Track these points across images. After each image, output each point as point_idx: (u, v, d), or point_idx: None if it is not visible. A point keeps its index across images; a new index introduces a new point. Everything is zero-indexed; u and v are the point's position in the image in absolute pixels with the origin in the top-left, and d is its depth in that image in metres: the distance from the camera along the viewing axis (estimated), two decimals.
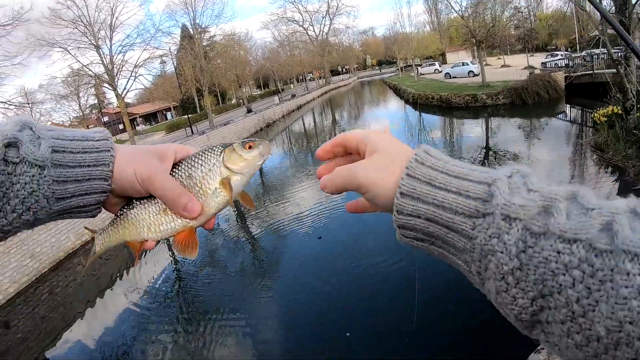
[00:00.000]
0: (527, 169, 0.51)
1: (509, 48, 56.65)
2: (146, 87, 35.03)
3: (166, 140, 30.38)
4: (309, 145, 28.67)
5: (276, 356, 6.59)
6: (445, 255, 0.55)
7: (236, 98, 70.97)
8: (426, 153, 0.57)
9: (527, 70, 28.66)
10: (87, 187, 0.64)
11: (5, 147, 0.55)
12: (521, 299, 0.45)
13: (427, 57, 70.43)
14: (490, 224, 0.47)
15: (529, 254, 0.43)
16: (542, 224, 0.43)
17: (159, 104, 60.46)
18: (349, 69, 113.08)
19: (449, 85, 35.00)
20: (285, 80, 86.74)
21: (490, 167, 0.53)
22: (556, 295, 0.41)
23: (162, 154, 0.72)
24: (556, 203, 0.44)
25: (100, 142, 0.66)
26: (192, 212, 0.71)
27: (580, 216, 0.42)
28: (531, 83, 23.13)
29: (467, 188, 0.50)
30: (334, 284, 7.94)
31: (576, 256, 0.40)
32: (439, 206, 0.52)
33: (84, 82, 29.70)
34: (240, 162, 0.75)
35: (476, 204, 0.49)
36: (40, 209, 0.59)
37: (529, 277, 0.43)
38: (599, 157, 11.61)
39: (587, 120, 16.70)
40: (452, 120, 25.56)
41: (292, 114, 51.41)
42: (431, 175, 0.53)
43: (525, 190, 0.48)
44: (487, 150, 16.51)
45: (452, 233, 0.51)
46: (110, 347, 7.79)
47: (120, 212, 0.75)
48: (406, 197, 0.54)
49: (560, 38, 54.65)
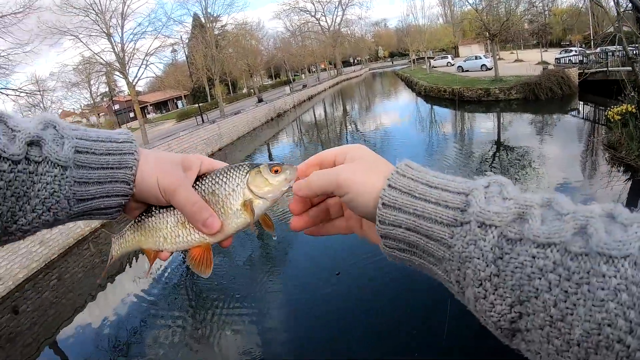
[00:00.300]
0: (504, 179, 0.52)
1: (522, 43, 56.08)
2: (157, 75, 34.92)
3: (175, 129, 30.61)
4: (320, 136, 28.66)
5: (282, 344, 6.63)
6: (426, 265, 0.56)
7: (247, 87, 70.84)
8: (407, 166, 0.58)
9: (540, 66, 28.43)
10: (108, 189, 0.64)
11: (27, 146, 0.55)
12: (499, 305, 0.45)
13: (439, 49, 69.95)
14: (467, 231, 0.48)
15: (505, 260, 0.44)
16: (518, 230, 0.44)
17: (170, 93, 60.53)
18: (361, 60, 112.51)
19: (461, 78, 34.73)
20: (296, 70, 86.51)
21: (469, 179, 0.55)
22: (533, 300, 0.41)
23: (187, 165, 0.72)
24: (531, 210, 0.44)
25: (124, 144, 0.66)
26: (211, 228, 0.70)
27: (554, 221, 0.43)
28: (544, 78, 22.91)
29: (446, 198, 0.52)
30: (343, 277, 7.97)
31: (550, 260, 0.40)
32: (419, 216, 0.53)
33: (95, 70, 29.69)
34: (265, 186, 0.74)
35: (454, 213, 0.50)
36: (61, 210, 0.59)
37: (507, 283, 0.44)
38: (611, 156, 11.52)
39: (601, 118, 16.57)
40: (464, 114, 25.40)
41: (303, 104, 51.26)
42: (411, 187, 0.55)
43: (501, 198, 0.49)
44: (498, 145, 16.40)
45: (432, 242, 0.52)
46: (119, 332, 7.87)
47: (139, 218, 0.74)
48: (388, 207, 0.55)
49: (575, 34, 54.01)
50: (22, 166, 0.54)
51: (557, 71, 23.73)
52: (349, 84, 74.79)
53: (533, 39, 51.58)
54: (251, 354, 6.51)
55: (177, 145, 22.64)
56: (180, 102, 68.84)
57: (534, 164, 12.89)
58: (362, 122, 30.75)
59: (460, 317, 6.06)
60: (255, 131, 34.71)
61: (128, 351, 7.28)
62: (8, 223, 0.54)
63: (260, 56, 58.46)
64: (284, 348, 6.57)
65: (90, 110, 46.85)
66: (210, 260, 0.74)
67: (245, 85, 72.22)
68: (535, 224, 0.43)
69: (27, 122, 0.57)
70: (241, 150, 27.49)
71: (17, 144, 0.53)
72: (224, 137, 29.09)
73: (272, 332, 6.96)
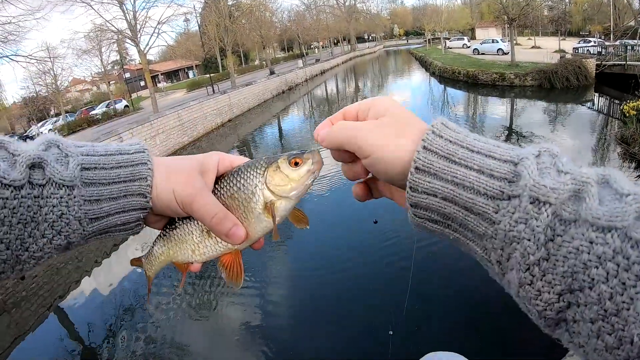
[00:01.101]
0: (556, 149, 0.47)
1: (540, 29, 55.18)
2: (169, 44, 34.73)
3: (186, 99, 30.42)
4: (330, 111, 28.50)
5: (282, 316, 6.69)
6: (461, 240, 0.51)
7: (259, 59, 70.39)
8: (444, 125, 0.52)
9: (557, 54, 28.01)
10: (124, 204, 0.61)
11: (29, 169, 0.52)
12: (547, 293, 0.41)
13: (456, 31, 68.97)
14: (516, 207, 0.43)
15: (557, 243, 0.39)
16: (573, 209, 0.39)
17: (181, 62, 60.16)
18: (376, 37, 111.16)
19: (476, 61, 34.27)
20: (310, 44, 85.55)
21: (515, 145, 0.50)
22: (587, 290, 0.37)
23: (203, 167, 0.67)
24: (588, 187, 0.39)
25: (135, 154, 0.63)
26: (236, 238, 0.66)
27: (614, 202, 0.38)
28: (561, 67, 22.56)
29: (491, 166, 0.46)
30: (345, 250, 8.00)
31: (611, 247, 0.36)
32: (459, 184, 0.47)
33: (106, 38, 29.41)
34: (286, 183, 0.67)
35: (501, 184, 0.45)
36: (73, 231, 0.56)
37: (557, 269, 0.39)
38: (623, 151, 11.43)
39: (615, 111, 16.33)
40: (477, 97, 25.19)
41: (315, 78, 50.91)
42: (450, 150, 0.49)
43: (555, 171, 0.44)
44: (510, 130, 16.33)
45: (472, 216, 0.47)
46: (123, 298, 7.97)
47: (163, 232, 0.71)
48: (421, 172, 0.50)
49: (595, 24, 52.96)
50: (25, 191, 0.51)
51: (574, 61, 23.35)
52: (362, 60, 74.11)
53: (552, 26, 50.84)
54: (254, 319, 6.60)
55: (187, 115, 22.59)
56: (191, 72, 68.60)
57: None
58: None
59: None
60: (266, 103, 34.61)
61: (133, 316, 7.37)
62: (19, 251, 0.52)
63: (274, 28, 57.73)
64: (286, 312, 6.70)
65: (101, 78, 46.49)
66: (240, 268, 0.70)
67: (258, 57, 71.77)
68: (594, 203, 0.38)
69: (28, 145, 0.55)
70: (251, 122, 27.38)
71: (17, 168, 0.51)
72: (235, 108, 29.00)
73: (275, 300, 7.02)
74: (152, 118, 19.99)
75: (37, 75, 37.10)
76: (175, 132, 21.31)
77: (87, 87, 60.34)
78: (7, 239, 0.50)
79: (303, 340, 6.08)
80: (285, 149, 18.86)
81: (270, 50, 66.92)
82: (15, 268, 0.53)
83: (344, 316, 6.31)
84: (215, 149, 6.66)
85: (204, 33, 37.96)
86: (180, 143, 21.56)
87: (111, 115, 31.77)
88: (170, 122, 21.04)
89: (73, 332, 7.46)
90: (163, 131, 20.21)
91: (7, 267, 0.52)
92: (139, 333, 6.84)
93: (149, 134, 19.01)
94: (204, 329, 6.69)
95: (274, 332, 6.31)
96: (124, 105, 38.35)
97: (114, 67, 52.34)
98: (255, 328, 6.43)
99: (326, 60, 62.41)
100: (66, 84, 43.31)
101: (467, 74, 29.51)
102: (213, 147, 21.53)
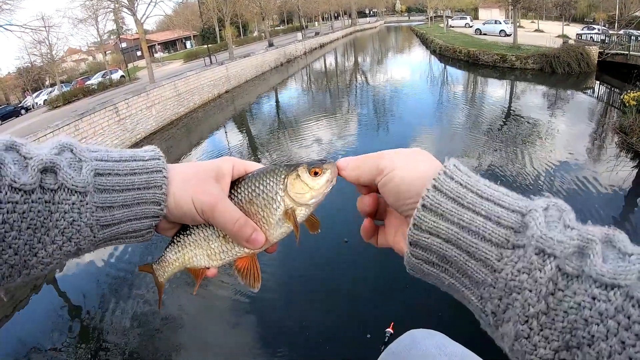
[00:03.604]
0: (564, 204, 0.46)
1: (544, 13, 54.52)
2: (166, 14, 34.20)
3: (183, 70, 30.05)
4: (329, 85, 28.34)
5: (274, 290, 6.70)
6: (457, 287, 0.51)
7: (258, 31, 69.35)
8: (456, 168, 0.52)
9: (560, 39, 27.75)
10: (136, 211, 0.60)
11: (41, 173, 0.51)
12: (543, 348, 0.40)
13: (458, 10, 68.18)
14: (520, 257, 0.43)
15: (558, 297, 0.39)
16: (577, 265, 0.39)
17: (179, 32, 59.57)
18: (377, 13, 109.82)
19: (478, 41, 33.94)
20: (310, 17, 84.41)
21: (524, 196, 0.49)
22: (585, 348, 0.37)
23: (219, 173, 0.67)
24: (593, 244, 0.39)
25: (151, 161, 0.62)
26: (256, 243, 0.67)
27: (617, 261, 0.38)
28: (564, 52, 22.36)
29: (499, 214, 0.46)
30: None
31: (613, 304, 0.35)
32: (464, 228, 0.47)
33: (102, 7, 28.87)
34: (306, 192, 0.68)
35: (507, 233, 0.44)
36: (83, 238, 0.55)
37: (556, 324, 0.39)
38: (621, 140, 11.40)
39: (615, 101, 16.27)
40: (477, 78, 25.04)
41: (314, 51, 50.41)
42: (460, 193, 0.49)
43: (562, 225, 0.43)
44: (508, 113, 16.26)
45: (473, 261, 0.47)
46: (119, 270, 7.96)
47: (177, 238, 0.71)
48: (428, 210, 0.50)
49: (600, 12, 52.43)
50: (36, 196, 0.50)
51: (577, 47, 23.15)
52: (362, 35, 73.38)
53: (556, 10, 50.14)
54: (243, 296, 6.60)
55: (184, 86, 22.36)
56: (188, 43, 67.76)
57: (541, 137, 12.80)
58: (373, 74, 30.48)
59: None
60: (263, 75, 34.31)
61: (131, 287, 7.37)
62: (27, 256, 0.51)
63: (274, 0, 56.91)
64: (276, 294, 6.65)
65: (97, 48, 45.88)
66: (258, 271, 0.71)
67: (257, 29, 70.79)
68: (598, 260, 0.38)
69: (41, 148, 0.54)
70: (248, 94, 27.15)
71: (29, 172, 0.49)
72: (232, 79, 28.75)
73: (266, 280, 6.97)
74: (149, 88, 19.70)
75: (32, 45, 36.32)
76: (171, 102, 21.07)
77: (82, 57, 59.51)
78: (16, 244, 0.49)
79: (290, 311, 6.22)
80: (282, 121, 18.83)
81: (270, 22, 66.06)
82: (22, 273, 0.52)
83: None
84: (212, 120, 6.59)
85: (202, 3, 37.51)
86: (176, 114, 21.36)
87: (107, 85, 31.19)
88: (167, 93, 20.80)
89: (68, 302, 7.50)
90: (159, 102, 19.96)
91: (14, 271, 0.51)
92: (131, 301, 6.91)
93: (145, 104, 18.80)
94: (195, 301, 6.72)
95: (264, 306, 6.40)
96: (120, 75, 37.76)
97: (110, 36, 51.48)
98: (245, 304, 6.50)
99: (326, 33, 61.66)
100: (62, 54, 42.54)
101: (468, 53, 29.36)
102: (210, 118, 21.48)
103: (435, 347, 0.90)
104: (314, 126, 16.46)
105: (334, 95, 24.83)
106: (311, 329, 5.79)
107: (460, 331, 1.29)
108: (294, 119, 18.96)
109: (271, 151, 14.47)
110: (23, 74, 44.69)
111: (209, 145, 16.93)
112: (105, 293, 7.37)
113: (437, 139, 13.44)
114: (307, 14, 75.94)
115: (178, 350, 5.92)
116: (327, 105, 21.66)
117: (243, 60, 31.64)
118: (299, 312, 6.14)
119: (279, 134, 16.70)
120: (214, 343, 5.97)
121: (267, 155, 14.01)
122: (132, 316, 6.66)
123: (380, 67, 34.31)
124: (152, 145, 0.67)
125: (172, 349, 5.96)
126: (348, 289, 6.48)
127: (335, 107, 20.70)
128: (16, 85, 47.58)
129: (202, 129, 19.73)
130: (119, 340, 6.21)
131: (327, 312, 6.06)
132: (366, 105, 20.38)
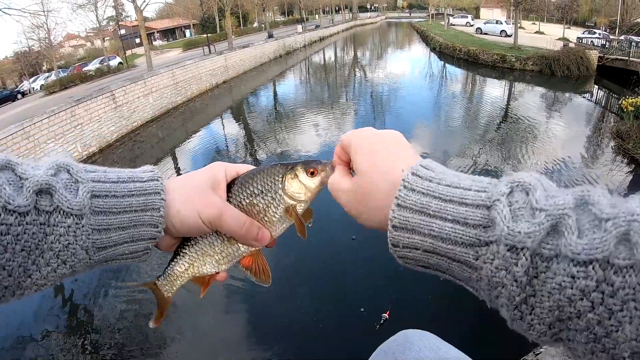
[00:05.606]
0: (529, 178, 0.45)
1: (546, 15, 54.61)
2: (166, 1, 34.02)
3: (181, 58, 29.90)
4: (327, 78, 28.27)
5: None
6: (454, 278, 0.52)
7: (258, 22, 69.09)
8: (415, 175, 0.52)
9: (561, 42, 27.80)
10: (133, 234, 0.59)
11: (36, 195, 0.50)
12: (538, 325, 0.42)
13: (460, 8, 68.13)
14: (494, 254, 0.43)
15: (541, 280, 0.40)
16: (553, 245, 0.39)
17: (178, 21, 59.20)
18: (378, 8, 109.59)
19: (478, 40, 33.97)
20: (310, 10, 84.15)
21: (488, 179, 0.49)
22: (575, 320, 0.38)
23: (214, 182, 0.69)
24: (566, 220, 0.39)
25: (149, 183, 0.61)
26: (264, 240, 0.70)
27: (593, 231, 0.38)
28: (564, 55, 22.42)
29: (465, 215, 0.46)
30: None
31: (593, 279, 0.36)
32: (436, 237, 0.48)
33: None
34: (304, 191, 0.71)
35: (476, 232, 0.45)
36: (78, 261, 0.54)
37: (544, 304, 0.40)
38: (617, 145, 11.46)
39: (613, 106, 16.36)
40: (475, 77, 25.13)
41: (314, 44, 50.34)
42: (423, 203, 0.49)
43: (530, 210, 0.42)
44: (506, 113, 16.35)
45: (455, 263, 0.48)
46: None
47: (182, 251, 0.72)
48: (399, 229, 0.51)
49: (602, 16, 52.50)
50: (31, 217, 0.49)
51: (577, 50, 23.18)
52: (363, 30, 73.28)
53: (558, 13, 50.26)
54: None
55: (182, 75, 22.27)
56: (188, 32, 67.23)
57: (537, 138, 12.88)
58: (372, 69, 30.48)
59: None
60: (262, 66, 34.20)
61: (121, 278, 7.39)
62: (21, 278, 0.50)
63: None
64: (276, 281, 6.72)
65: (96, 34, 45.59)
66: (266, 266, 0.74)
67: (257, 20, 70.48)
68: (572, 237, 0.38)
69: (38, 168, 0.53)
70: (246, 85, 27.07)
71: (24, 194, 0.48)
72: (230, 70, 28.65)
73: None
74: (146, 76, 19.58)
75: (30, 29, 36.13)
76: (168, 91, 20.96)
77: (81, 43, 59.04)
78: (10, 266, 0.48)
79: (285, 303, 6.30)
80: (280, 112, 18.79)
81: (270, 14, 65.79)
82: (16, 293, 0.51)
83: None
84: (209, 110, 6.59)
85: None
86: (173, 102, 21.27)
87: (104, 71, 30.99)
88: (164, 81, 20.68)
89: (59, 290, 7.43)
90: (156, 90, 19.86)
91: (8, 292, 0.50)
92: (126, 292, 6.92)
93: (142, 92, 18.70)
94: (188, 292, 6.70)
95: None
96: (117, 62, 37.41)
97: (109, 23, 51.10)
98: (240, 294, 6.53)
99: (326, 27, 61.48)
100: (60, 39, 42.30)
101: (468, 52, 29.48)
102: (207, 108, 21.39)
103: (428, 349, 0.90)
104: (310, 119, 16.51)
105: (332, 88, 24.87)
106: (324, 322, 5.91)
107: (461, 331, 1.29)
108: (291, 111, 19.02)
109: (268, 142, 14.48)
110: (20, 58, 44.44)
111: (206, 135, 16.91)
112: (95, 284, 7.34)
113: (433, 136, 13.51)
114: (308, 7, 75.70)
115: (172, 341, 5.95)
116: (324, 98, 21.69)
117: (242, 51, 31.55)
118: (310, 307, 6.24)
119: (276, 125, 16.77)
120: (213, 335, 6.04)
121: (264, 147, 14.03)
122: (126, 302, 6.72)
123: (379, 62, 34.38)
124: (150, 165, 0.66)
125: (162, 340, 5.98)
126: (355, 284, 6.58)
127: (332, 100, 20.76)
128: (13, 70, 47.31)
129: (199, 119, 19.68)
130: (109, 332, 6.24)
131: (336, 305, 6.21)
132: (364, 100, 20.45)
